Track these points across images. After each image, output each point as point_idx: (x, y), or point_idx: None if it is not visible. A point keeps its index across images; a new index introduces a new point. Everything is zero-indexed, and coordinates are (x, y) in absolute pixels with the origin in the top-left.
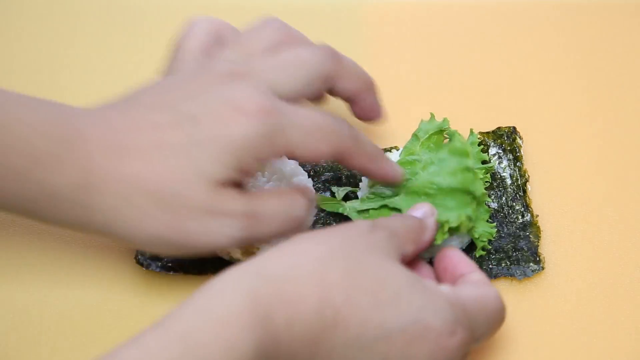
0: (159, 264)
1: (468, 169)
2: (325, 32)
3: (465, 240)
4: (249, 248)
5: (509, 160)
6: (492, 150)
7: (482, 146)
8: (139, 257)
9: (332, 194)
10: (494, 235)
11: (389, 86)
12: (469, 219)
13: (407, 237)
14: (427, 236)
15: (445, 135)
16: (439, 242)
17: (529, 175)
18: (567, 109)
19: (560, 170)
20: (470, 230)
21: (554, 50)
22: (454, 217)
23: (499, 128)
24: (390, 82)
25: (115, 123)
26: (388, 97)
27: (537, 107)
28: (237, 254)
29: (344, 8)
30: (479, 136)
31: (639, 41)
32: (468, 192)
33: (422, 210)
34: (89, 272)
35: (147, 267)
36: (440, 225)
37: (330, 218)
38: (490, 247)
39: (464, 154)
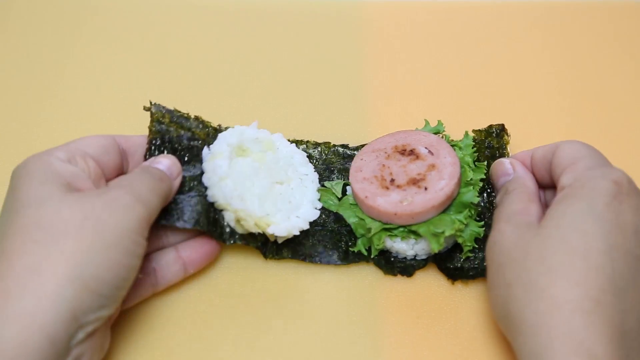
0: None
1: (469, 183)
2: (326, 32)
3: (451, 241)
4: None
5: (496, 157)
6: None
7: (474, 149)
8: None
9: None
10: (482, 235)
11: (386, 85)
12: (461, 222)
13: None
14: None
15: (442, 136)
16: (435, 251)
17: None
18: (558, 110)
19: None
20: (458, 235)
21: (547, 51)
22: (449, 227)
23: (490, 126)
24: (387, 82)
25: None
26: (385, 96)
27: (529, 107)
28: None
29: (344, 8)
30: (472, 134)
31: (627, 43)
32: (464, 203)
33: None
34: None
35: None
36: (436, 235)
37: (329, 213)
38: (476, 246)
39: (463, 164)
